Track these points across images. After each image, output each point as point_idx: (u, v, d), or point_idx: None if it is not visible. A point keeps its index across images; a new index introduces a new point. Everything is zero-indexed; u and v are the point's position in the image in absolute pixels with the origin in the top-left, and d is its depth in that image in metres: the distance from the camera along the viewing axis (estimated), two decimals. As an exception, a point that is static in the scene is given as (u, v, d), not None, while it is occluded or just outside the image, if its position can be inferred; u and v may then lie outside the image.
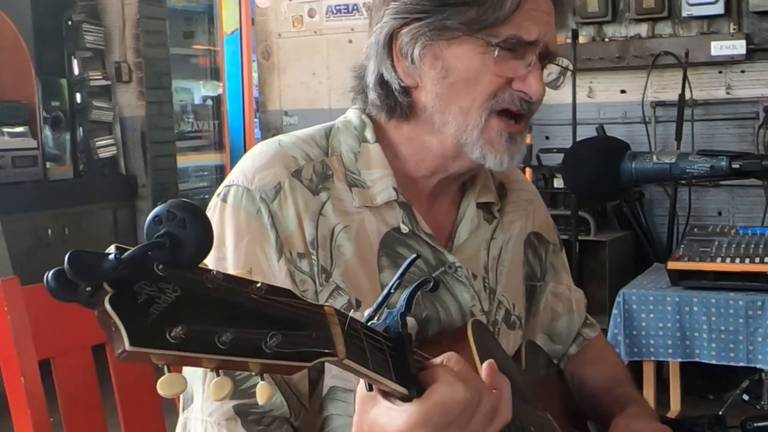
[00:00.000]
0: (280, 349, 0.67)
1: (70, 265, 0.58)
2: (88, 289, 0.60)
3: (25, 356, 1.25)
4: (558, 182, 4.14)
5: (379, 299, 0.85)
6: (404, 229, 1.15)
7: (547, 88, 1.14)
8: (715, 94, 4.23)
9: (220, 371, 0.66)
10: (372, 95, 1.16)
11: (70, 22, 5.43)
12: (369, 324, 0.82)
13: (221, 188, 1.13)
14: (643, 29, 4.35)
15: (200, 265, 0.65)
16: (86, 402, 1.35)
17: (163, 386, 0.62)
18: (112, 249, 0.61)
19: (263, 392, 0.68)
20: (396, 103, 1.15)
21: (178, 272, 0.63)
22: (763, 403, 3.61)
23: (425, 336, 1.13)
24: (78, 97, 5.44)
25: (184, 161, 6.46)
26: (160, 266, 0.62)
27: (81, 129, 5.44)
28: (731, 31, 4.15)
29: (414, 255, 0.91)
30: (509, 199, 1.31)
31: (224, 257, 1.08)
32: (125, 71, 5.57)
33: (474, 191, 1.24)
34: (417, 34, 1.11)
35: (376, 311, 0.84)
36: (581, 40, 4.36)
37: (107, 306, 0.59)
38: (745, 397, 3.70)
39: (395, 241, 1.15)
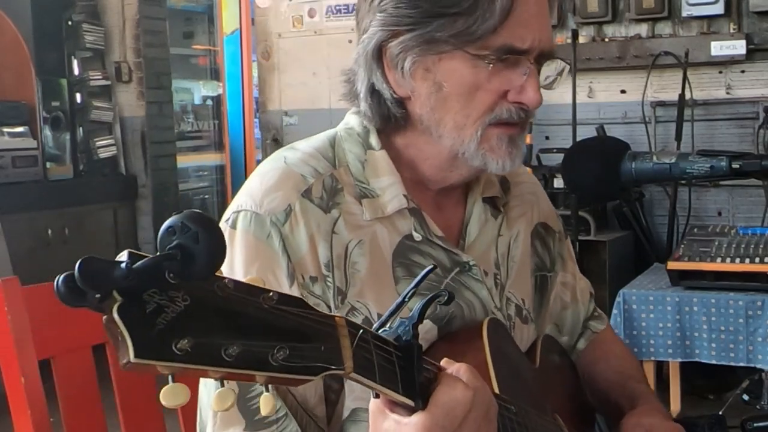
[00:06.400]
0: (286, 363, 0.66)
1: (80, 272, 0.58)
2: (98, 295, 0.59)
3: (25, 356, 1.25)
4: (558, 182, 4.13)
5: (392, 307, 0.84)
6: (417, 236, 1.13)
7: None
8: (715, 94, 4.23)
9: (225, 382, 0.65)
10: (363, 105, 1.13)
11: (70, 22, 5.42)
12: (380, 332, 0.81)
13: (229, 213, 1.10)
14: (643, 29, 4.34)
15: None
16: (86, 402, 1.34)
17: (166, 396, 0.61)
18: (124, 255, 0.61)
19: (267, 404, 0.67)
20: (389, 113, 1.11)
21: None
22: (763, 403, 3.60)
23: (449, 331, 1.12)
24: (78, 97, 5.44)
25: (184, 161, 6.45)
26: (172, 274, 0.62)
27: (81, 129, 5.44)
28: (731, 31, 4.14)
29: (430, 266, 0.89)
30: (513, 193, 1.30)
31: None
32: (125, 71, 5.56)
33: (479, 186, 1.23)
34: (407, 47, 1.07)
35: (388, 319, 0.83)
36: (581, 40, 4.35)
37: (115, 315, 0.59)
38: (745, 397, 3.69)
39: (409, 250, 1.13)
